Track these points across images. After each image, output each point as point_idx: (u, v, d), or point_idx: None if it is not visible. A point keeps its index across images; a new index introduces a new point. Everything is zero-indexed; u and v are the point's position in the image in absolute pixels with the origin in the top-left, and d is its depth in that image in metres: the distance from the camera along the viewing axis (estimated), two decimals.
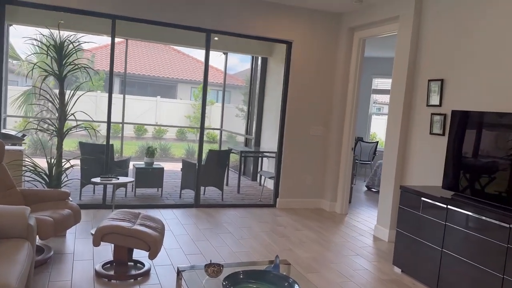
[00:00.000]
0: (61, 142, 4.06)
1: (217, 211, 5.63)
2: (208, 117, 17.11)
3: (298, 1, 5.46)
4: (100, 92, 15.51)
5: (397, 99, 4.82)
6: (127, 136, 15.52)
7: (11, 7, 5.60)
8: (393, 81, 4.90)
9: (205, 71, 5.59)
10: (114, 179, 4.30)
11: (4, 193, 3.50)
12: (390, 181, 4.85)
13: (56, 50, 3.95)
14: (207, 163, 6.12)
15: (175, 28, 5.41)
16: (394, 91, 4.88)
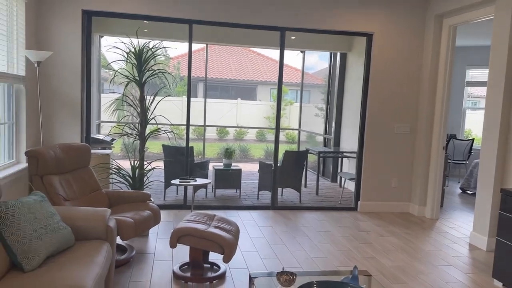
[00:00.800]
0: (142, 146, 4.21)
1: (294, 213, 5.48)
2: (287, 117, 17.06)
3: None
4: (185, 97, 16.23)
5: (495, 92, 4.26)
6: (210, 138, 16.04)
7: (99, 20, 6.01)
8: (491, 71, 4.34)
9: (280, 71, 5.47)
10: (192, 181, 4.37)
11: (90, 195, 3.71)
12: (488, 183, 4.30)
13: (136, 57, 4.10)
14: (283, 164, 6.00)
15: (250, 29, 5.38)
16: (491, 82, 4.33)
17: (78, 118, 4.81)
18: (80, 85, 4.79)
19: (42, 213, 2.45)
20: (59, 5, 4.65)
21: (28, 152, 3.28)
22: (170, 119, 5.13)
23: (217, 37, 7.77)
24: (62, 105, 4.75)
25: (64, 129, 4.77)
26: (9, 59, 4.06)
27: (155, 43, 4.32)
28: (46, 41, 4.66)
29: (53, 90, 4.72)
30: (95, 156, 4.45)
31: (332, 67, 8.34)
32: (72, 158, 3.64)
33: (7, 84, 4.15)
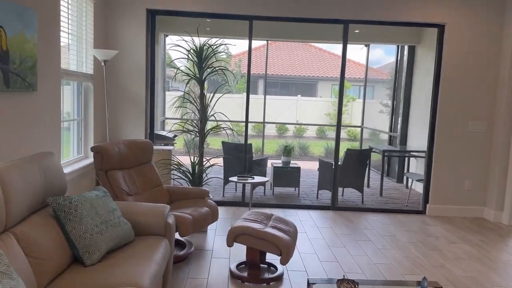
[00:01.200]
0: (202, 142, 4.23)
1: (356, 215, 5.25)
2: (348, 114, 16.57)
3: None
4: (245, 94, 16.34)
5: None
6: (269, 135, 16.01)
7: (164, 19, 6.15)
8: None
9: (342, 66, 5.25)
10: (249, 179, 4.31)
11: (151, 190, 3.78)
12: None
13: (196, 55, 4.12)
14: (345, 163, 5.76)
15: (312, 24, 5.21)
16: None
17: (142, 115, 4.95)
18: (145, 83, 4.92)
19: (104, 208, 2.50)
20: (124, 5, 4.80)
21: (93, 147, 3.40)
22: (231, 116, 5.13)
23: (278, 33, 7.67)
24: (128, 102, 4.91)
25: (129, 125, 4.93)
26: (78, 58, 4.25)
27: (215, 40, 4.31)
28: (113, 40, 4.83)
29: (119, 87, 4.89)
30: (157, 152, 4.54)
31: (399, 61, 7.91)
32: (135, 154, 3.73)
33: (77, 82, 4.36)
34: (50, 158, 2.50)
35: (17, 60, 2.79)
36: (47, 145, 3.40)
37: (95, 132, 4.56)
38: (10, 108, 2.80)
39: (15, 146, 2.88)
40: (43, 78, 3.27)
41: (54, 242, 2.18)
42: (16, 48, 2.77)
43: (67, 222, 2.29)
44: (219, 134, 11.63)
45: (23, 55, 2.87)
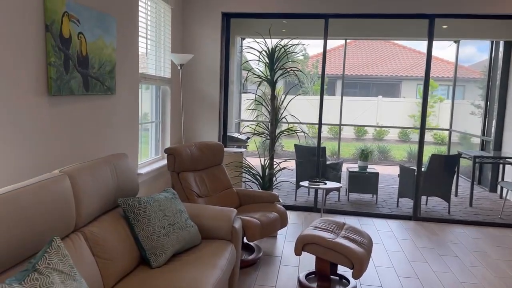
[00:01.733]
0: (272, 145, 4.14)
1: (441, 227, 4.79)
2: (435, 115, 15.46)
3: None
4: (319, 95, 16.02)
5: None
6: (347, 137, 15.52)
7: (240, 22, 6.19)
8: None
9: (427, 64, 4.83)
10: (321, 184, 4.13)
11: (221, 192, 3.77)
12: None
13: (268, 56, 4.04)
14: (429, 169, 5.31)
15: (393, 20, 4.88)
16: None
17: (216, 117, 5.00)
18: (219, 85, 4.97)
19: (171, 211, 2.51)
20: (200, 9, 4.89)
21: (166, 149, 3.48)
22: (306, 118, 4.99)
23: (356, 31, 7.35)
24: (203, 104, 4.99)
25: (203, 127, 5.01)
26: (157, 62, 4.41)
27: (287, 41, 4.20)
28: (189, 44, 4.94)
29: (194, 90, 4.99)
30: (229, 154, 4.56)
31: (493, 58, 7.14)
32: (206, 156, 3.76)
33: (155, 86, 4.52)
34: (123, 160, 2.57)
35: (96, 64, 2.94)
36: (125, 147, 3.55)
37: (172, 133, 4.70)
38: (89, 111, 2.95)
39: (94, 147, 3.03)
40: (122, 82, 3.42)
41: (122, 243, 2.22)
42: (96, 53, 2.92)
43: (136, 223, 2.33)
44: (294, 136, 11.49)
45: (102, 60, 3.02)
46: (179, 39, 4.87)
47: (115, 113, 3.34)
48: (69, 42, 2.59)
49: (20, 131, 2.23)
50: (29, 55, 2.28)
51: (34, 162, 2.36)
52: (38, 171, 2.39)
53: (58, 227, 1.80)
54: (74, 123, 2.76)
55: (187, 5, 4.91)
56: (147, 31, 4.09)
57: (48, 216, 1.73)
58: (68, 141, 2.70)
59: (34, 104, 2.33)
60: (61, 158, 2.61)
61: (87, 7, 2.78)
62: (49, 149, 2.49)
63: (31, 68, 2.30)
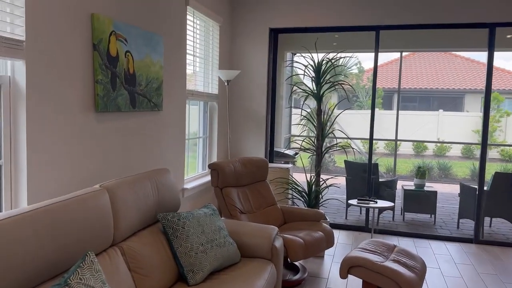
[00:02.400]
0: (319, 161, 4.02)
1: (506, 251, 4.37)
2: (502, 131, 14.41)
3: None
4: (378, 109, 15.57)
5: None
6: (405, 153, 14.89)
7: (289, 37, 6.17)
8: None
9: (488, 76, 4.50)
10: (372, 202, 3.93)
11: (265, 209, 3.70)
12: None
13: (314, 70, 3.96)
14: (493, 188, 4.90)
15: (451, 30, 4.63)
16: None
17: (263, 132, 4.98)
18: (265, 101, 4.95)
19: (210, 227, 2.48)
20: (248, 25, 4.93)
21: (210, 165, 3.49)
22: (361, 132, 4.82)
23: (411, 43, 7.08)
24: (249, 120, 4.99)
25: (250, 143, 5.00)
26: (205, 79, 4.48)
27: (334, 54, 4.10)
28: (236, 59, 4.99)
29: (241, 106, 5.01)
30: (275, 170, 4.49)
31: None
32: (250, 172, 3.72)
33: (203, 102, 4.59)
34: (165, 175, 2.60)
35: (144, 82, 3.02)
36: (172, 161, 3.61)
37: (219, 149, 4.73)
38: (136, 126, 3.03)
39: (141, 162, 3.11)
40: (169, 99, 3.50)
41: (160, 259, 2.22)
42: (143, 71, 3.00)
43: (174, 238, 2.32)
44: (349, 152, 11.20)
45: (150, 77, 3.10)
46: (227, 55, 4.93)
47: (162, 128, 3.42)
48: (116, 60, 2.69)
49: (67, 146, 2.33)
50: (77, 73, 2.39)
51: (81, 176, 2.44)
52: (83, 185, 2.47)
53: (95, 241, 1.83)
54: (121, 139, 2.85)
55: (235, 21, 4.98)
56: (195, 48, 4.18)
57: (85, 230, 1.76)
58: (115, 156, 2.78)
59: (81, 120, 2.43)
60: (106, 173, 2.69)
61: (135, 26, 2.89)
62: (95, 164, 2.58)
63: (79, 86, 2.40)
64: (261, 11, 4.89)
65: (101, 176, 2.63)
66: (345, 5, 4.65)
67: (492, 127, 14.02)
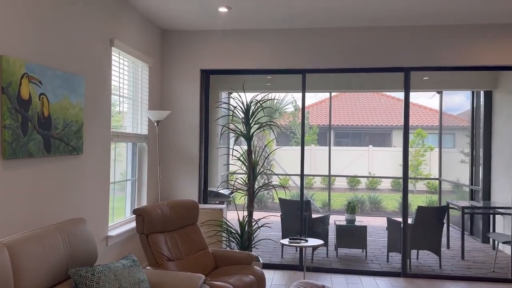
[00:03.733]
0: (250, 201, 4.01)
1: (431, 283, 4.55)
2: (426, 164, 15.44)
3: None
4: (313, 145, 16.11)
5: None
6: (340, 187, 15.38)
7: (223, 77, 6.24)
8: None
9: (405, 114, 4.84)
10: (303, 241, 3.95)
11: (196, 254, 3.58)
12: None
13: (243, 111, 4.02)
14: (416, 221, 5.15)
15: (371, 73, 4.96)
16: None
17: (196, 172, 4.89)
18: (198, 140, 4.91)
19: (129, 281, 2.33)
20: (179, 67, 4.93)
21: (135, 210, 3.33)
22: (298, 168, 4.88)
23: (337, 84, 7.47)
24: (182, 160, 4.90)
25: (182, 183, 4.88)
26: (134, 120, 4.37)
27: (263, 95, 4.20)
28: (168, 100, 4.94)
29: (173, 146, 4.92)
30: (207, 211, 4.40)
31: (475, 107, 7.22)
32: (179, 215, 3.60)
33: (132, 143, 4.45)
34: (80, 225, 2.43)
35: (61, 125, 2.86)
36: (94, 208, 3.40)
37: (149, 192, 4.56)
38: (52, 173, 2.84)
39: (57, 211, 2.89)
40: (91, 141, 3.34)
41: None
42: (60, 113, 2.85)
43: None
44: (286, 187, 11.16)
45: (68, 120, 2.95)
46: (158, 96, 4.86)
47: (82, 173, 3.23)
48: (28, 103, 2.53)
49: None
50: None
51: None
52: None
53: None
54: (33, 187, 2.64)
55: (166, 62, 4.96)
56: (123, 89, 4.09)
57: None
58: (24, 206, 2.56)
59: None
60: (13, 227, 2.45)
61: (51, 68, 2.76)
62: (1, 216, 2.35)
63: None
64: (192, 53, 4.92)
65: (6, 230, 2.39)
66: (273, 49, 4.83)
67: (418, 161, 15.02)
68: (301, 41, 4.79)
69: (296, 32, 4.79)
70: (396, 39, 4.65)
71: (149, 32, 4.57)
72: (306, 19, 4.45)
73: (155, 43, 4.74)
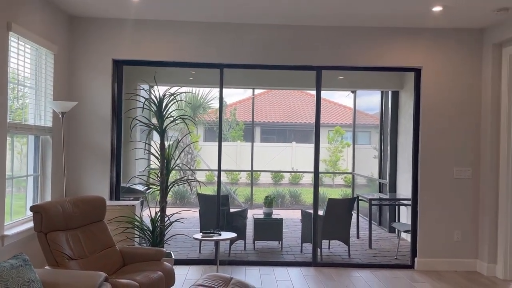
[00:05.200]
0: (163, 197, 3.93)
1: (339, 272, 4.82)
2: (344, 160, 16.31)
3: (423, 22, 4.60)
4: (239, 142, 16.27)
5: None
6: (265, 182, 15.70)
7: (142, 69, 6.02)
8: None
9: (317, 112, 5.08)
10: (215, 235, 3.97)
11: (101, 252, 3.43)
12: None
13: (156, 104, 3.93)
14: (327, 213, 5.42)
15: (285, 71, 5.10)
16: None
17: (107, 168, 4.69)
18: (110, 134, 4.71)
19: (17, 281, 2.17)
20: (89, 56, 4.69)
21: (32, 207, 3.11)
22: (223, 163, 4.87)
23: (264, 80, 7.59)
24: (91, 155, 4.67)
25: (92, 179, 4.65)
26: (36, 111, 4.07)
27: (176, 89, 4.14)
28: (77, 91, 4.67)
29: (81, 140, 4.67)
30: (116, 208, 4.23)
31: (384, 106, 7.76)
32: (83, 212, 3.43)
33: (34, 136, 4.14)
34: None
35: None
36: None
37: (54, 188, 4.28)
38: None
39: None
40: None
41: None
42: None
43: None
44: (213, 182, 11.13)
45: None
46: (64, 86, 4.57)
47: None
48: None
49: None
50: None
51: None
52: None
53: None
54: None
55: (75, 51, 4.68)
56: (23, 77, 3.79)
57: None
58: None
59: None
60: None
61: None
62: None
63: None
64: (103, 42, 4.70)
65: None
66: (190, 42, 4.77)
67: (336, 156, 15.83)
68: (219, 35, 4.78)
69: (214, 26, 4.78)
70: (310, 38, 4.83)
71: (55, 18, 4.28)
72: (223, 13, 4.45)
73: (61, 29, 4.45)
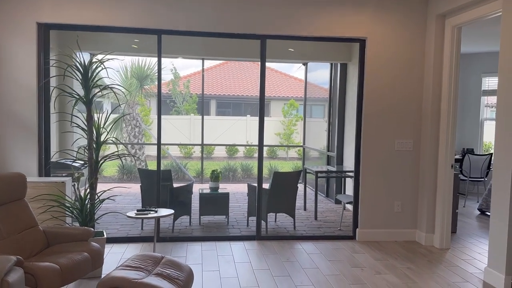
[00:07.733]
0: (92, 173, 3.67)
1: (282, 244, 4.80)
2: (298, 133, 16.41)
3: None
4: (193, 115, 15.91)
5: (506, 100, 3.56)
6: (220, 156, 15.55)
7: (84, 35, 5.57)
8: (500, 77, 3.65)
9: (261, 83, 4.91)
10: (152, 212, 3.78)
11: (22, 233, 3.16)
12: (503, 206, 3.56)
13: (82, 73, 3.60)
14: (272, 186, 5.36)
15: (236, 40, 4.86)
16: (501, 89, 3.63)
17: (35, 143, 4.33)
18: (37, 106, 4.32)
19: None
20: (8, 19, 4.22)
21: None
22: (176, 137, 4.63)
23: (208, 50, 7.30)
24: (13, 127, 4.28)
25: (16, 155, 4.29)
26: None
27: (102, 56, 3.81)
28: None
29: (2, 111, 4.26)
30: (43, 185, 3.92)
31: (333, 79, 7.72)
32: (0, 191, 3.12)
33: None
34: None
35: None
36: None
37: None
38: None
39: None
40: None
41: None
42: None
43: None
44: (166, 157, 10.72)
45: None
46: None
47: None
48: None
49: None
50: None
51: None
52: None
53: None
54: None
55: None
56: None
57: None
58: None
59: None
60: None
61: None
62: None
63: None
64: (24, 2, 4.24)
65: None
66: (124, 4, 4.40)
67: (290, 130, 15.88)
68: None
69: None
70: (255, 5, 4.60)
71: None
72: None
73: None
